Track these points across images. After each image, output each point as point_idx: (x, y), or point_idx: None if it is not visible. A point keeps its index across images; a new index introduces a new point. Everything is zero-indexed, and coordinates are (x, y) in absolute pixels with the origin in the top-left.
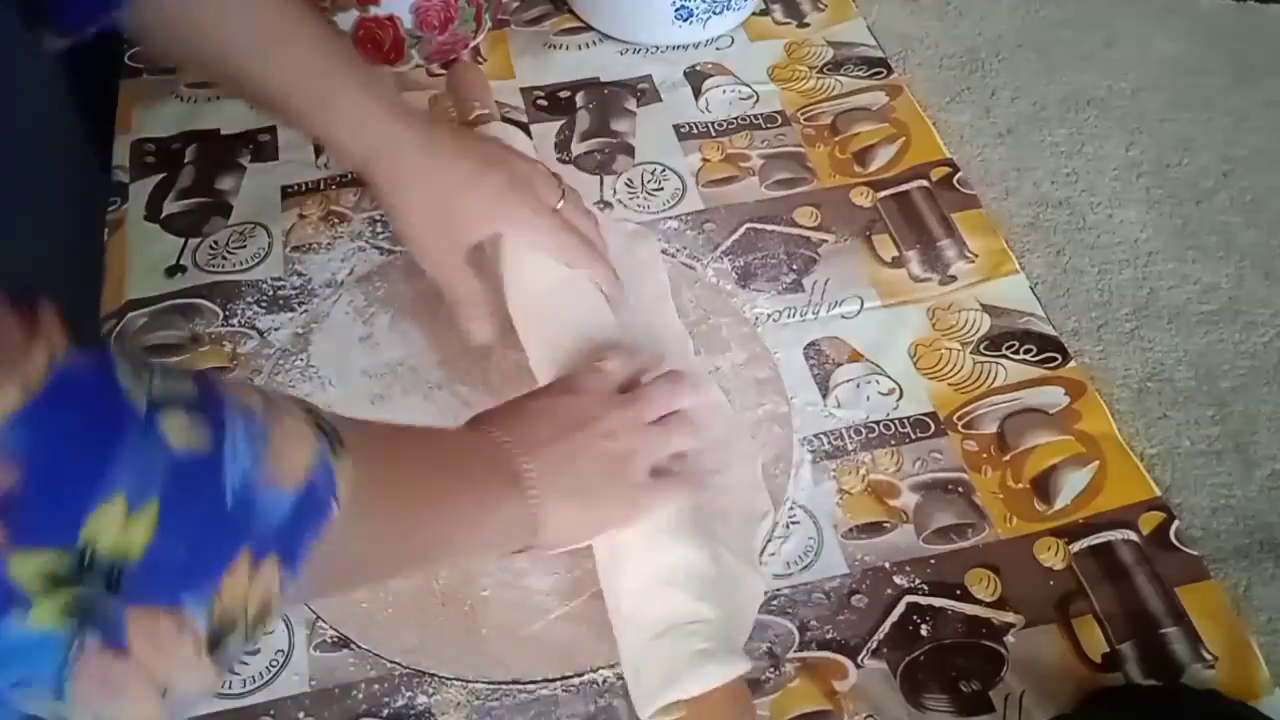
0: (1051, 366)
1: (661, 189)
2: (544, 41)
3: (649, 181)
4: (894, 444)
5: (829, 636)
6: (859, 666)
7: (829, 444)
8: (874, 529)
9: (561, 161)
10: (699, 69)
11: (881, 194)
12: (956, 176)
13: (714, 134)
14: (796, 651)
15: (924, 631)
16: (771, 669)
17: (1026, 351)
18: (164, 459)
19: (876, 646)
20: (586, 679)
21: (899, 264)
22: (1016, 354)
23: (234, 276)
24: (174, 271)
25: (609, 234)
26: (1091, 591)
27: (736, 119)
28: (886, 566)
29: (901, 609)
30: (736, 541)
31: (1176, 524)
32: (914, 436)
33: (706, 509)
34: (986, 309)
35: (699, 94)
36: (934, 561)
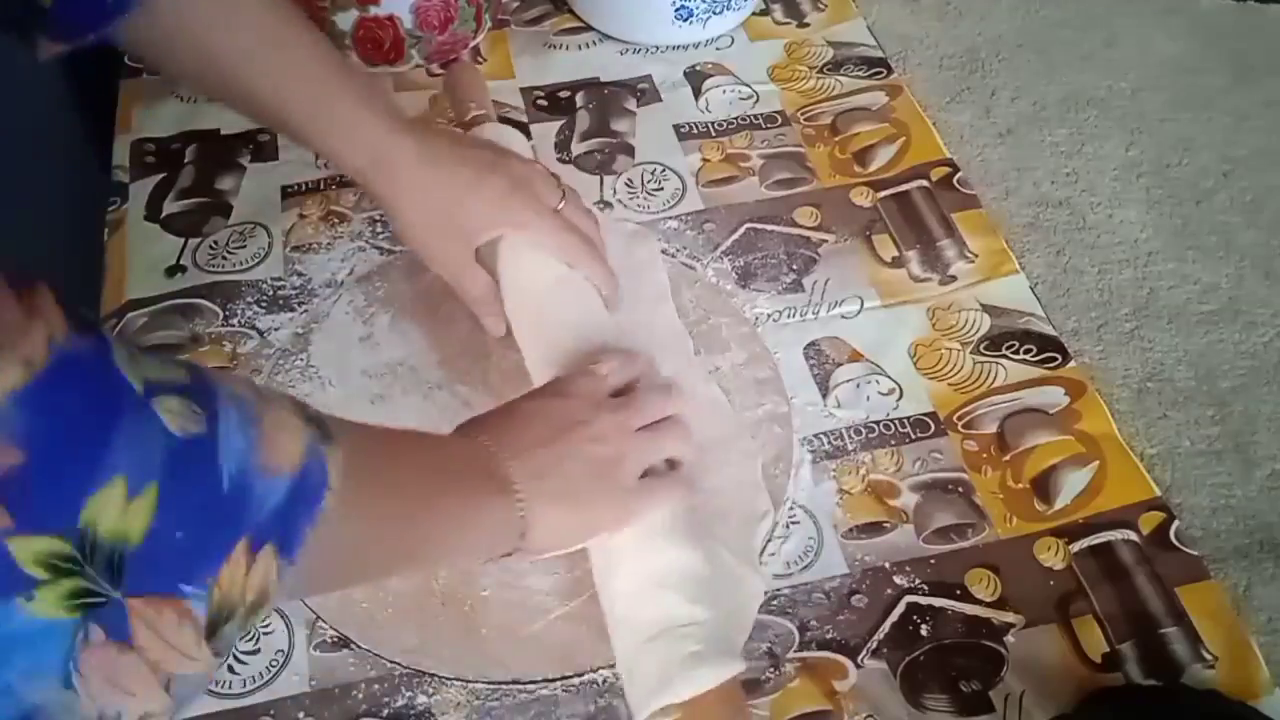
0: (1051, 366)
1: (661, 189)
2: (544, 41)
3: (649, 181)
4: (894, 444)
5: (829, 636)
6: (859, 666)
7: (829, 444)
8: (874, 529)
9: (561, 161)
10: (699, 69)
11: (881, 194)
12: (956, 176)
13: (714, 134)
14: (796, 651)
15: (924, 631)
16: (771, 669)
17: (1026, 351)
18: (162, 442)
19: (876, 646)
20: (586, 679)
21: (899, 264)
22: (1016, 354)
23: (234, 276)
24: (174, 271)
25: (609, 234)
26: (1091, 591)
27: (736, 119)
28: (886, 566)
29: (901, 609)
30: (736, 541)
31: (1176, 524)
32: (914, 436)
33: (704, 509)
34: (986, 309)
35: (699, 94)
36: (934, 561)
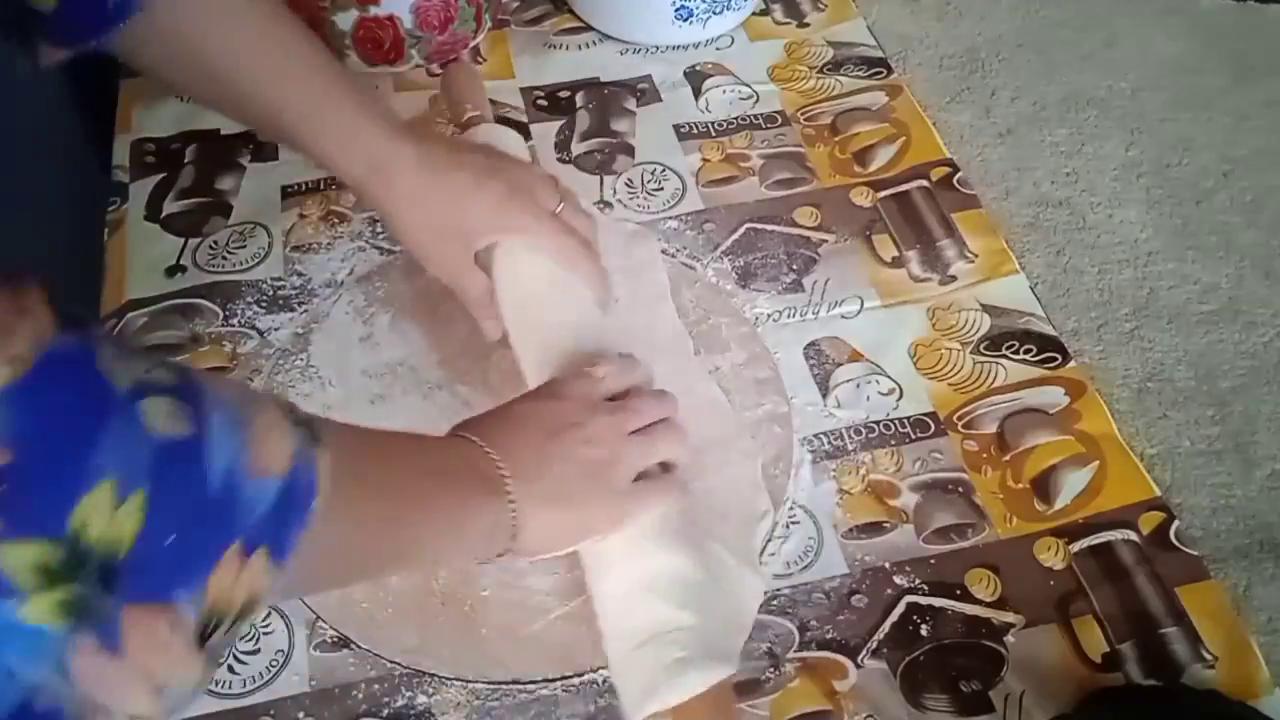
0: (1051, 366)
1: (661, 189)
2: (544, 41)
3: (649, 181)
4: (894, 444)
5: (829, 636)
6: (859, 666)
7: (829, 444)
8: (874, 529)
9: (561, 161)
10: (699, 69)
11: (881, 194)
12: (956, 176)
13: (714, 134)
14: (796, 651)
15: (924, 631)
16: (771, 669)
17: (1026, 351)
18: (148, 445)
19: (876, 646)
20: (586, 679)
21: (899, 264)
22: (1016, 354)
23: (234, 276)
24: (174, 271)
25: (609, 234)
26: (1091, 591)
27: (736, 119)
28: (886, 566)
29: (901, 609)
30: (735, 541)
31: (1176, 524)
32: (914, 436)
33: (702, 509)
34: (986, 309)
35: (699, 94)
36: (934, 561)
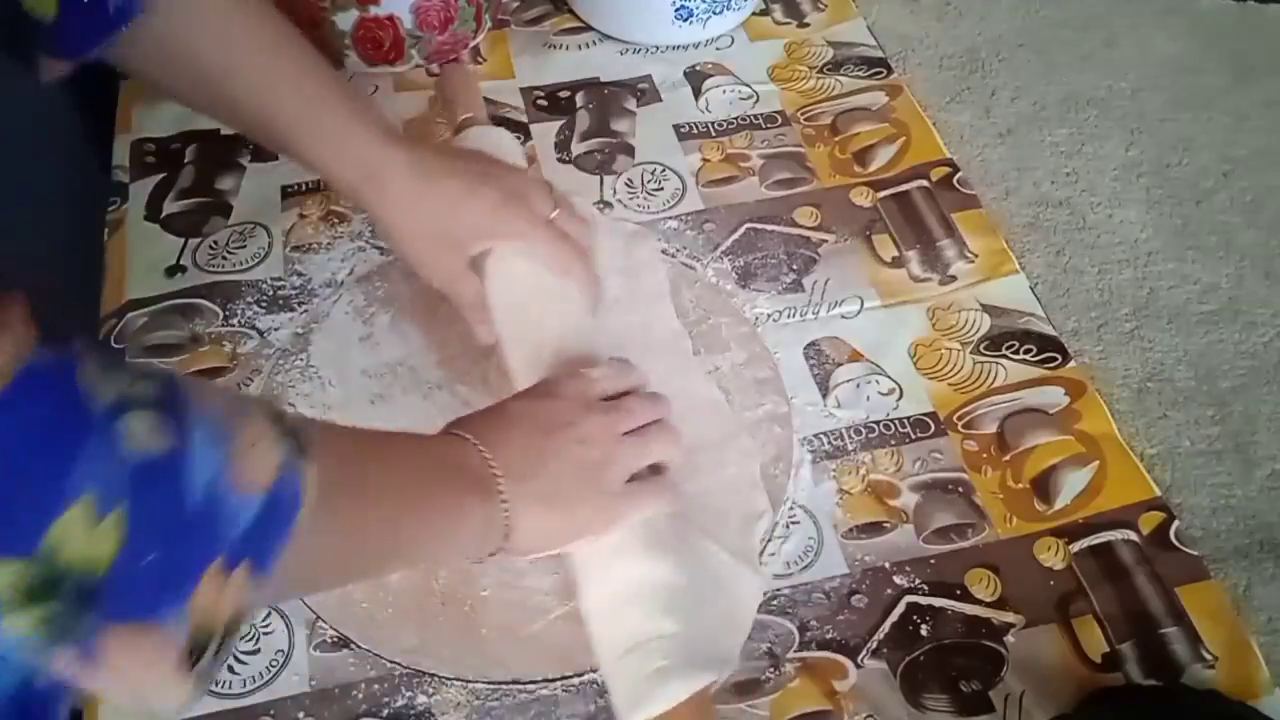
0: (1051, 366)
1: (661, 189)
2: (544, 41)
3: (649, 181)
4: (894, 444)
5: (829, 636)
6: (859, 666)
7: (829, 444)
8: (874, 529)
9: (561, 161)
10: (699, 69)
11: (881, 194)
12: (956, 176)
13: (714, 134)
14: (796, 651)
15: (924, 631)
16: (771, 669)
17: (1026, 351)
18: (126, 462)
19: (876, 646)
20: (586, 679)
21: (899, 264)
22: (1016, 354)
23: (234, 276)
24: (174, 271)
25: (609, 235)
26: (1091, 591)
27: (736, 119)
28: (886, 566)
29: (901, 609)
30: (732, 540)
31: (1176, 524)
32: (914, 436)
33: (699, 509)
34: (986, 309)
35: (699, 94)
36: (934, 561)
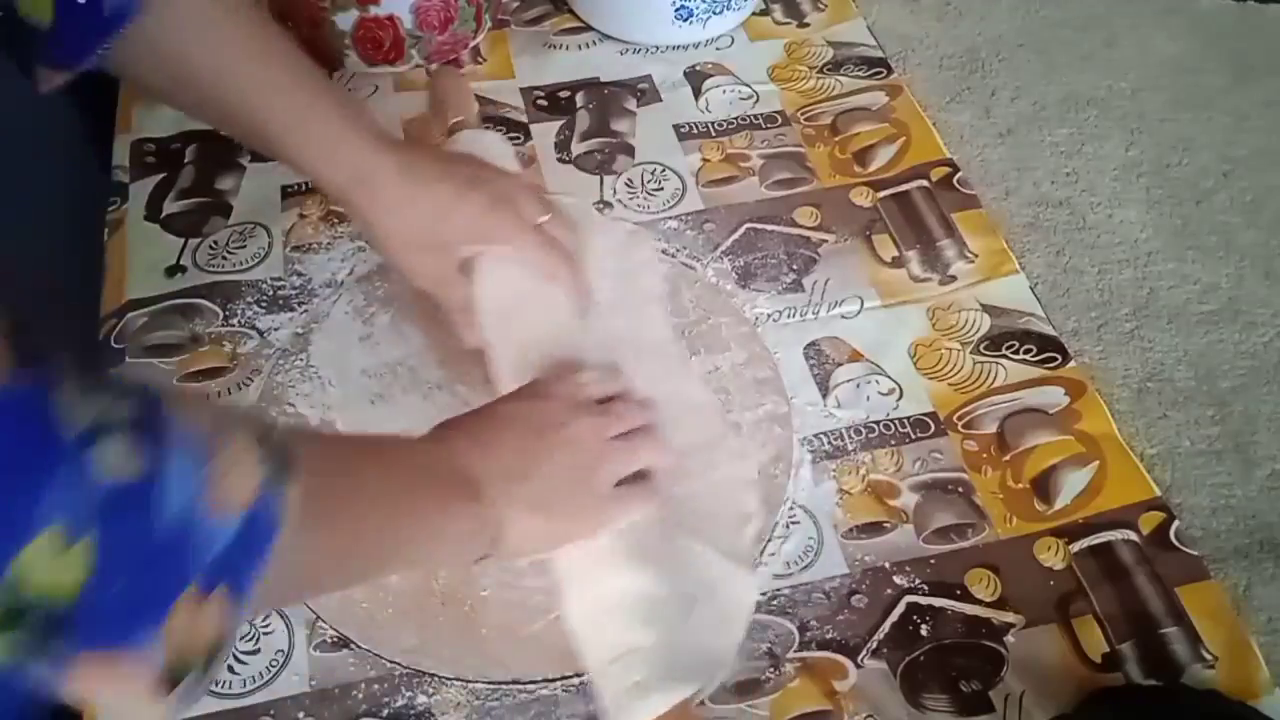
0: (1051, 366)
1: (661, 189)
2: (544, 41)
3: (649, 181)
4: (894, 444)
5: (829, 636)
6: (859, 666)
7: (829, 444)
8: (874, 529)
9: (561, 161)
10: (699, 69)
11: (881, 194)
12: (956, 176)
13: (714, 134)
14: (796, 651)
15: (924, 631)
16: (771, 669)
17: (1026, 351)
18: (95, 491)
19: (876, 646)
20: (586, 679)
21: (899, 264)
22: (1016, 354)
23: (234, 276)
24: (174, 271)
25: (603, 237)
26: (1091, 591)
27: (736, 119)
28: (886, 566)
29: (901, 609)
30: (724, 542)
31: (1176, 524)
32: (914, 436)
33: (689, 512)
34: (986, 309)
35: (699, 94)
36: (934, 561)
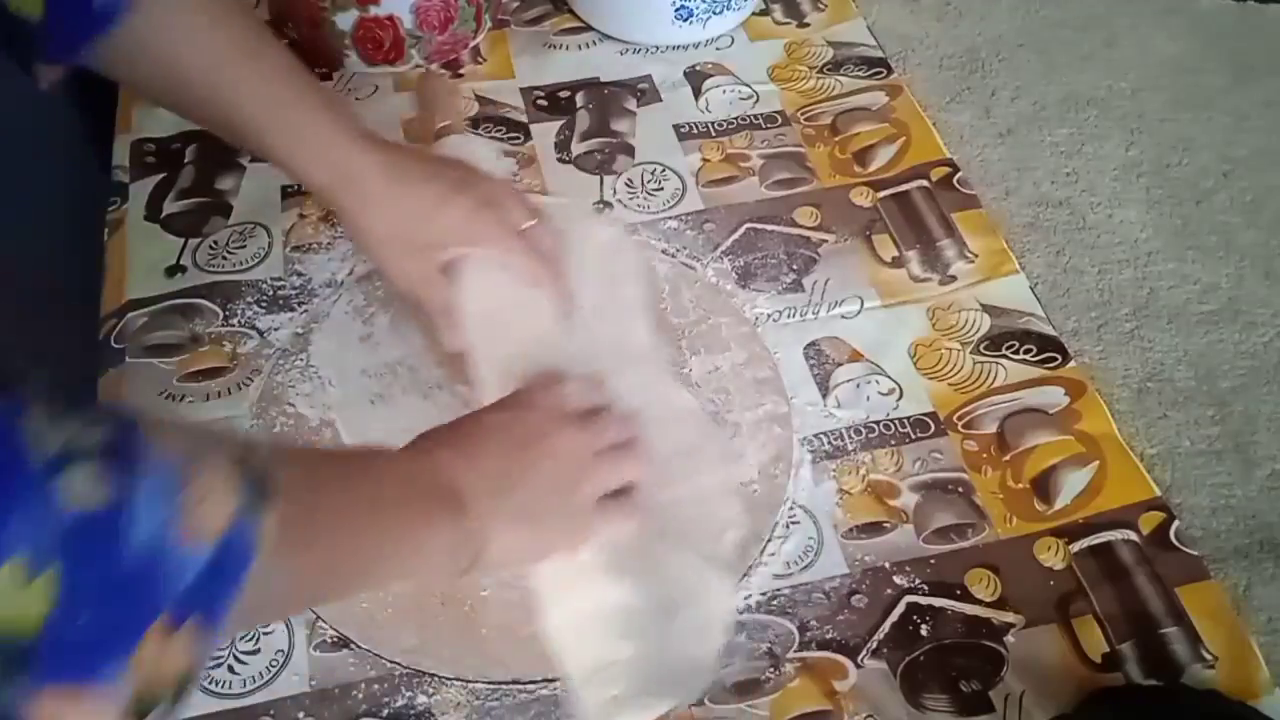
0: (1051, 366)
1: (661, 189)
2: (544, 41)
3: (649, 181)
4: (894, 444)
5: (829, 636)
6: (859, 666)
7: (829, 444)
8: (874, 529)
9: (561, 161)
10: (699, 69)
11: (881, 194)
12: (956, 176)
13: (714, 134)
14: (796, 651)
15: (924, 631)
16: (771, 669)
17: (1026, 351)
18: (60, 521)
19: (876, 646)
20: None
21: (899, 264)
22: (1016, 354)
23: (234, 276)
24: (174, 271)
25: (589, 242)
26: (1091, 591)
27: (736, 119)
28: (886, 566)
29: (901, 609)
30: (703, 550)
31: (1176, 524)
32: (914, 436)
33: (670, 519)
34: (986, 309)
35: (699, 94)
36: (934, 561)
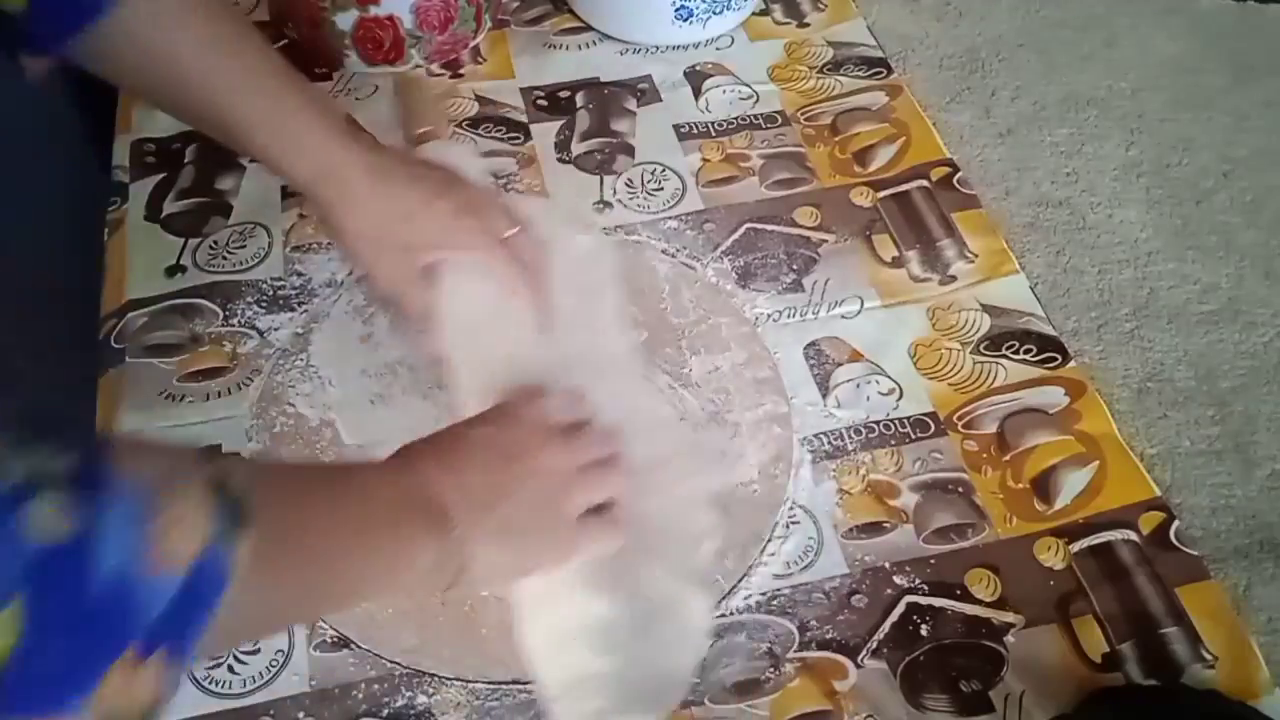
0: (1051, 366)
1: (661, 189)
2: (544, 41)
3: (649, 181)
4: (894, 444)
5: (829, 636)
6: (859, 666)
7: (829, 444)
8: (874, 529)
9: (561, 162)
10: (699, 69)
11: (881, 194)
12: (956, 176)
13: (714, 134)
14: (796, 651)
15: (924, 631)
16: (771, 669)
17: (1026, 351)
18: (24, 553)
19: (876, 646)
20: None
21: (899, 264)
22: (1016, 354)
23: (234, 276)
24: (174, 271)
25: (569, 252)
26: (1091, 591)
27: (736, 119)
28: (886, 566)
29: (901, 609)
30: (678, 561)
31: (1176, 524)
32: (914, 436)
33: (647, 531)
34: (986, 309)
35: (699, 94)
36: (934, 561)
